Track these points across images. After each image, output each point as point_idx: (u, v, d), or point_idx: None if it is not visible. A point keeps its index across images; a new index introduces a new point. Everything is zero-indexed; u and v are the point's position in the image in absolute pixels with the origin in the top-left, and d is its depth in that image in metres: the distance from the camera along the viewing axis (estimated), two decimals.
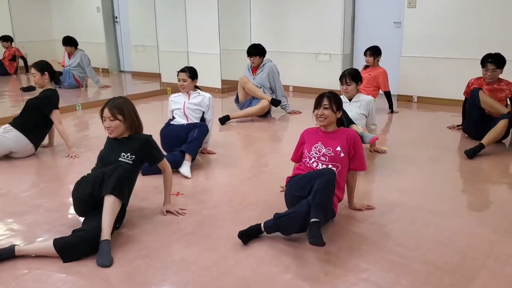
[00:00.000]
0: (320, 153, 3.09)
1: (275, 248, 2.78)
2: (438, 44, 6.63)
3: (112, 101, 3.15)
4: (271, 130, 5.82)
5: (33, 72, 4.41)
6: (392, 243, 2.82)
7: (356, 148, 3.11)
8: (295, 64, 7.80)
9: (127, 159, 3.05)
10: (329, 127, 3.17)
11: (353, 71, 4.45)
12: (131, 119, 3.14)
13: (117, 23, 10.16)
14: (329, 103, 3.09)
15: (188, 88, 4.53)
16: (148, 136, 3.21)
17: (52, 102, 4.49)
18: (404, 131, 5.53)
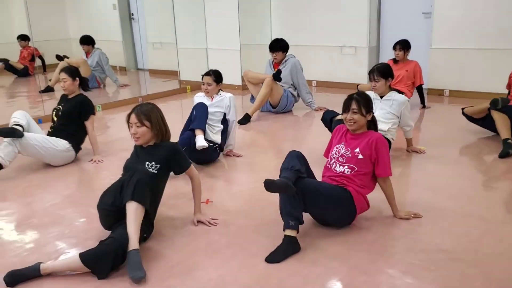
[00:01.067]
0: (339, 154, 2.98)
1: (320, 264, 2.55)
2: (470, 34, 6.31)
3: (139, 107, 2.98)
4: (297, 129, 5.60)
5: (63, 77, 4.24)
6: (448, 257, 2.58)
7: (379, 152, 2.90)
8: (318, 58, 7.54)
9: (151, 168, 2.88)
10: (358, 131, 3.00)
11: (382, 67, 4.16)
12: (158, 126, 2.96)
13: (134, 20, 9.99)
14: (357, 107, 2.94)
15: (213, 92, 4.34)
16: (174, 144, 3.03)
17: (91, 108, 4.38)
18: (439, 128, 5.24)
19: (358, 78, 7.29)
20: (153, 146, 2.98)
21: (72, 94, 4.33)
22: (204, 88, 4.33)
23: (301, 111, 6.17)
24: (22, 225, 3.17)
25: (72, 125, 4.28)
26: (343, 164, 2.93)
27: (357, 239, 2.80)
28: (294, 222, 2.66)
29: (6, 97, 8.41)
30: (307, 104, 6.18)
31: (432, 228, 2.92)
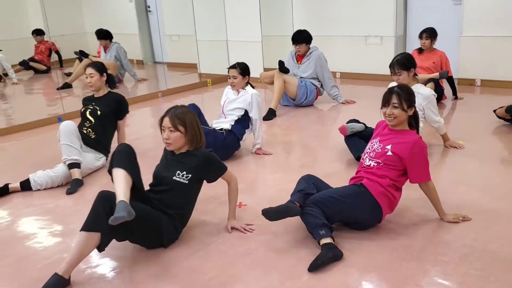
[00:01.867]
0: (371, 149, 2.87)
1: (368, 275, 2.38)
2: (502, 21, 6.02)
3: (173, 110, 2.80)
4: (324, 124, 5.42)
5: (91, 72, 4.04)
6: (507, 265, 2.38)
7: (414, 156, 2.72)
8: (342, 49, 7.28)
9: (182, 178, 2.73)
10: (397, 127, 2.84)
11: (402, 58, 3.94)
12: (193, 132, 2.78)
13: (150, 13, 9.84)
14: (398, 101, 2.77)
15: (239, 86, 4.18)
16: (208, 153, 2.83)
17: (127, 106, 4.25)
18: (474, 120, 4.99)
19: (384, 69, 6.99)
20: (185, 154, 2.81)
21: (99, 90, 4.14)
22: (230, 81, 4.20)
23: (326, 105, 5.96)
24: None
25: (109, 125, 4.13)
26: (372, 158, 2.81)
27: (405, 247, 2.61)
28: (323, 230, 2.55)
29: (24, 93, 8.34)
30: (333, 98, 5.97)
31: (485, 232, 2.72)
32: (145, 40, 9.88)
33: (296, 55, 5.97)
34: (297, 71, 5.90)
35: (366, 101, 5.98)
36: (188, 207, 2.82)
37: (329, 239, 2.54)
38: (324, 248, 2.50)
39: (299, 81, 5.78)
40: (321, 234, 2.55)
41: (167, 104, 6.67)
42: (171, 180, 2.73)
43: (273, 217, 2.62)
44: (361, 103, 5.91)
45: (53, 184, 3.74)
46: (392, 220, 2.89)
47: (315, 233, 2.58)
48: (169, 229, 2.70)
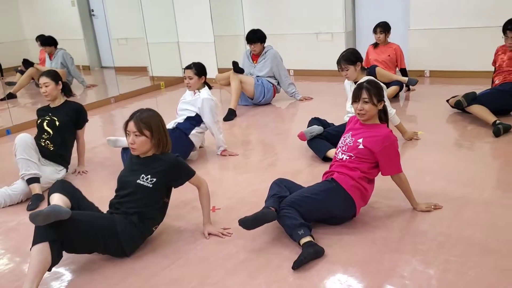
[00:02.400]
0: (344, 143, 2.91)
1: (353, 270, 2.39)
2: (449, 14, 6.26)
3: (139, 114, 2.72)
4: (284, 122, 5.43)
5: (45, 81, 3.84)
6: (482, 250, 2.46)
7: (386, 150, 2.77)
8: (294, 47, 7.33)
9: (146, 182, 2.66)
10: (368, 121, 2.88)
11: (347, 54, 4.07)
12: (159, 136, 2.72)
13: (95, 17, 9.53)
14: (368, 96, 2.80)
15: (195, 86, 4.13)
16: (174, 158, 2.77)
17: (86, 115, 4.07)
18: (429, 110, 5.14)
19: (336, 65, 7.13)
20: (151, 158, 2.74)
21: (55, 100, 3.94)
22: (186, 82, 4.16)
23: (284, 102, 5.99)
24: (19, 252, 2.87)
25: (68, 136, 3.95)
26: (345, 152, 2.86)
27: (384, 239, 2.65)
28: (301, 230, 2.56)
29: None
30: (291, 95, 6.00)
31: (457, 219, 2.80)
32: (90, 45, 9.55)
33: (251, 54, 5.95)
34: (253, 70, 5.89)
35: (322, 97, 6.06)
36: (153, 212, 2.73)
37: (308, 237, 2.54)
38: (304, 246, 2.50)
39: (256, 80, 5.77)
40: (300, 234, 2.55)
41: (120, 110, 6.50)
42: (134, 183, 2.67)
43: (251, 226, 2.61)
44: (318, 99, 5.98)
45: (12, 202, 3.55)
46: (368, 214, 2.92)
47: (294, 234, 2.58)
48: (129, 234, 2.61)
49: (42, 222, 2.32)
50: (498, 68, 4.73)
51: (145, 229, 2.72)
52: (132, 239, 2.65)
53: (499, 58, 4.74)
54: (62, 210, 2.38)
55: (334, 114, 4.71)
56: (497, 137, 4.06)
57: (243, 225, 2.61)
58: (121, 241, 2.58)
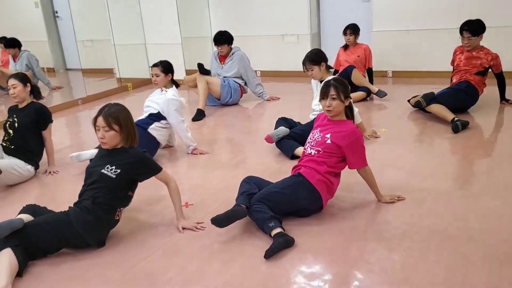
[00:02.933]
0: (313, 139, 3.03)
1: (322, 258, 2.52)
2: (409, 16, 6.53)
3: (107, 109, 2.79)
4: (255, 121, 5.54)
5: (13, 83, 3.86)
6: (443, 237, 2.63)
7: (352, 145, 2.91)
8: (260, 48, 7.47)
9: (110, 172, 2.73)
10: (336, 117, 3.00)
11: (311, 55, 4.23)
12: (127, 130, 2.80)
13: (59, 18, 9.42)
14: (336, 93, 2.92)
15: (162, 84, 4.21)
16: (141, 153, 2.85)
17: (49, 115, 4.05)
18: (392, 108, 5.37)
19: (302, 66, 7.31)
20: (119, 150, 2.83)
21: (23, 102, 3.97)
22: (153, 79, 4.24)
23: (251, 103, 6.10)
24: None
25: (30, 137, 3.94)
26: (313, 147, 2.98)
27: (351, 228, 2.79)
28: (272, 222, 2.67)
29: None
30: (258, 95, 6.13)
31: (418, 209, 2.96)
32: (55, 47, 9.44)
33: (218, 55, 6.05)
34: (220, 71, 5.99)
35: (289, 97, 6.21)
36: (112, 200, 2.76)
37: (279, 229, 2.65)
38: (275, 237, 2.61)
39: (222, 80, 5.87)
40: (270, 227, 2.66)
41: (88, 111, 6.47)
42: (99, 172, 2.74)
43: (223, 223, 2.71)
44: (285, 99, 6.12)
45: None
46: (335, 205, 3.06)
47: (265, 227, 2.69)
48: (84, 222, 2.64)
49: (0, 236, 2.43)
50: (456, 67, 4.97)
51: (103, 214, 2.71)
52: (88, 226, 2.65)
53: (457, 58, 4.98)
54: (15, 221, 2.52)
55: (300, 113, 4.87)
56: (456, 133, 4.28)
57: (216, 223, 2.70)
58: (79, 231, 2.62)
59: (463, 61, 4.89)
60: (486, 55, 4.81)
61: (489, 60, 4.79)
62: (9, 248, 2.43)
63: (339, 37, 6.20)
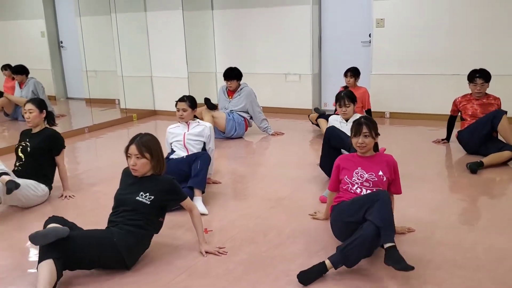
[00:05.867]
0: (362, 179, 3.06)
1: (344, 283, 2.67)
2: (407, 61, 6.88)
3: (139, 138, 2.97)
4: (262, 154, 5.73)
5: (30, 108, 4.00)
6: (451, 265, 2.81)
7: (396, 173, 3.14)
8: (263, 85, 7.72)
9: (145, 199, 2.87)
10: (366, 153, 3.15)
11: (349, 93, 4.48)
12: (157, 158, 2.98)
13: (63, 48, 9.64)
14: (369, 131, 3.05)
15: (188, 118, 4.35)
16: (171, 179, 3.03)
17: (62, 141, 4.17)
18: (392, 147, 5.54)
19: (303, 103, 7.63)
20: (149, 177, 2.97)
21: (36, 127, 4.09)
22: (179, 114, 4.31)
23: (257, 136, 6.30)
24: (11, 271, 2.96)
25: (43, 162, 4.05)
26: (370, 188, 3.01)
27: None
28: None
29: None
30: (263, 130, 6.34)
31: (428, 240, 3.14)
32: (57, 76, 9.62)
33: (227, 90, 6.28)
34: (228, 105, 6.22)
35: (293, 133, 6.43)
36: (149, 225, 2.90)
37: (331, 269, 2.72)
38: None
39: (227, 115, 6.08)
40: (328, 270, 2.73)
41: (94, 139, 6.61)
42: (134, 200, 2.86)
43: (39, 242, 2.58)
44: (289, 135, 6.34)
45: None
46: None
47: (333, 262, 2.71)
48: (127, 243, 2.75)
49: (42, 241, 2.51)
50: (471, 116, 5.05)
51: (142, 238, 2.87)
52: (130, 248, 2.78)
53: (469, 108, 5.08)
54: (60, 229, 2.58)
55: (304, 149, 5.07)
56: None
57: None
58: (120, 251, 2.73)
59: (478, 109, 5.00)
60: (495, 100, 5.06)
61: (499, 105, 5.03)
62: (52, 260, 2.51)
63: (339, 78, 6.51)
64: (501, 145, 4.74)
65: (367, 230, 2.65)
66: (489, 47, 6.38)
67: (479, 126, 4.88)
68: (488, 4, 6.34)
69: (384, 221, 2.65)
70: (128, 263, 2.81)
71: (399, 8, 6.82)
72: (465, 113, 5.16)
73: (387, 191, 2.90)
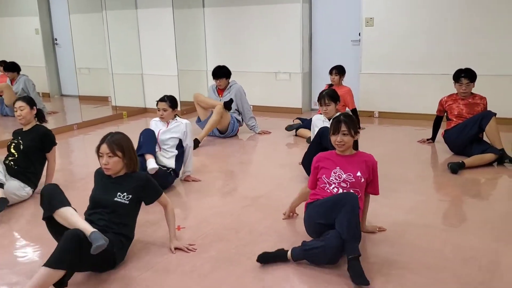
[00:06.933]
0: (340, 179, 3.01)
1: (309, 282, 2.67)
2: (396, 60, 6.87)
3: (110, 136, 2.95)
4: (246, 152, 5.73)
5: (21, 105, 4.03)
6: (418, 265, 2.80)
7: (374, 173, 3.10)
8: (254, 84, 7.72)
9: (123, 199, 2.87)
10: (345, 151, 3.09)
11: (331, 92, 4.47)
12: (129, 156, 2.97)
13: (58, 46, 9.66)
14: (347, 129, 3.01)
15: (168, 118, 4.38)
16: (145, 175, 3.06)
17: (54, 138, 4.21)
18: (378, 147, 5.56)
19: (293, 102, 7.62)
20: (123, 176, 2.97)
21: (28, 124, 4.13)
22: (160, 114, 4.35)
23: (245, 135, 6.31)
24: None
25: (34, 159, 4.09)
26: (347, 188, 2.98)
27: None
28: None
29: None
30: (250, 128, 6.34)
31: (399, 240, 3.14)
32: (51, 73, 9.64)
33: (217, 88, 6.28)
34: None
35: (279, 132, 6.42)
36: (130, 226, 2.94)
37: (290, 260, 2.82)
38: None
39: (230, 117, 6.07)
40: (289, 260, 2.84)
41: (83, 136, 6.63)
42: (112, 201, 2.86)
43: None
44: (276, 134, 6.33)
45: None
46: None
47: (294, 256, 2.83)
48: (119, 248, 2.80)
49: (96, 251, 2.50)
50: (457, 116, 5.02)
51: (128, 244, 2.93)
52: (121, 250, 2.84)
53: (455, 107, 5.04)
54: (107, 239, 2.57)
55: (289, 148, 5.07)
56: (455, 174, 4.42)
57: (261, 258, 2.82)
58: (114, 252, 2.76)
59: (464, 109, 4.98)
60: (481, 100, 5.02)
61: (485, 104, 5.00)
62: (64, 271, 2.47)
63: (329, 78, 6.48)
64: (486, 147, 4.72)
65: (332, 241, 2.68)
66: (477, 47, 6.37)
67: (467, 126, 4.85)
68: (478, 5, 6.32)
69: (350, 233, 2.64)
70: (118, 261, 2.84)
71: (389, 7, 6.81)
72: (451, 113, 5.13)
73: (355, 195, 2.82)
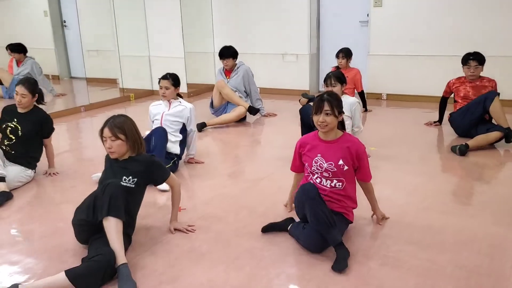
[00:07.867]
0: (322, 169, 2.84)
1: (302, 262, 2.68)
2: (405, 42, 6.77)
3: (112, 120, 2.93)
4: (251, 135, 5.72)
5: (22, 92, 3.91)
6: (417, 248, 2.79)
7: (360, 159, 2.87)
8: (261, 65, 7.68)
9: (129, 183, 2.86)
10: (329, 133, 2.87)
11: (338, 73, 4.40)
12: (133, 138, 2.93)
13: (66, 28, 9.68)
14: (330, 108, 2.77)
15: (170, 96, 4.34)
16: (150, 157, 3.02)
17: (52, 124, 4.18)
18: (384, 129, 5.56)
19: (300, 84, 7.57)
20: (129, 160, 2.94)
21: (25, 108, 4.04)
22: (162, 92, 4.31)
23: (251, 118, 6.28)
24: None
25: (33, 144, 4.06)
26: (330, 178, 2.84)
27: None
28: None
29: None
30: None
31: (399, 222, 3.12)
32: (61, 55, 9.67)
33: (224, 70, 6.25)
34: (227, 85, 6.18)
35: (286, 114, 6.40)
36: (135, 211, 2.95)
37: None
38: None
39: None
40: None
41: (90, 118, 6.67)
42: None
43: None
44: (281, 116, 6.31)
45: None
46: None
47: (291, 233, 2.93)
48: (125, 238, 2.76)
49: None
50: (463, 98, 4.97)
51: (132, 229, 2.92)
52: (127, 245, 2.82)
53: (462, 89, 4.99)
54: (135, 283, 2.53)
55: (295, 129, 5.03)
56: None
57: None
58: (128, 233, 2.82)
59: (471, 91, 4.93)
60: (489, 82, 4.95)
61: (493, 87, 4.93)
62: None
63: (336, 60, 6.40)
64: (489, 126, 4.66)
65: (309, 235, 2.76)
66: (488, 28, 6.24)
67: (471, 108, 4.80)
68: None
69: (320, 223, 2.64)
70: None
71: None
72: (457, 95, 5.08)
73: (312, 187, 2.72)
